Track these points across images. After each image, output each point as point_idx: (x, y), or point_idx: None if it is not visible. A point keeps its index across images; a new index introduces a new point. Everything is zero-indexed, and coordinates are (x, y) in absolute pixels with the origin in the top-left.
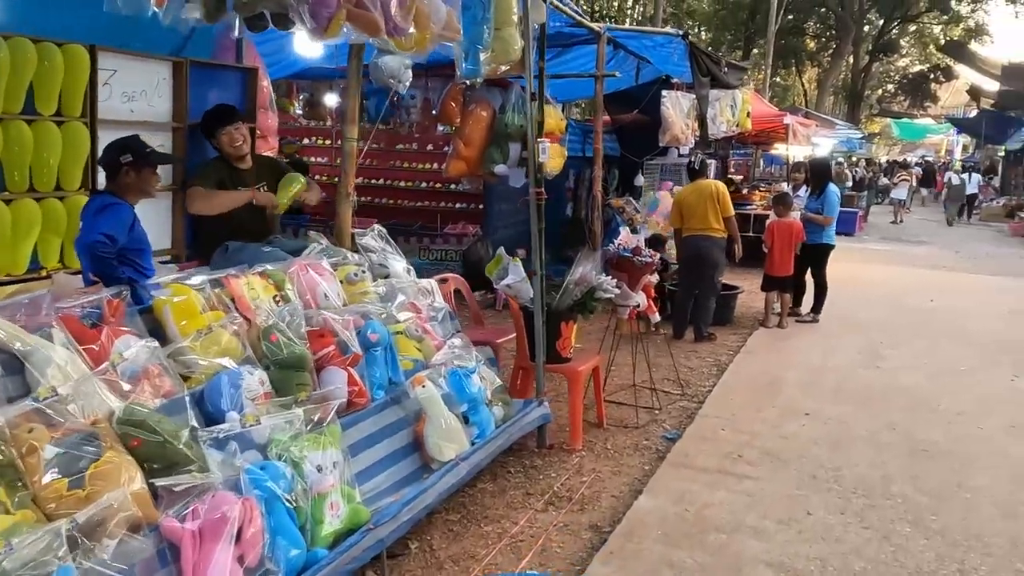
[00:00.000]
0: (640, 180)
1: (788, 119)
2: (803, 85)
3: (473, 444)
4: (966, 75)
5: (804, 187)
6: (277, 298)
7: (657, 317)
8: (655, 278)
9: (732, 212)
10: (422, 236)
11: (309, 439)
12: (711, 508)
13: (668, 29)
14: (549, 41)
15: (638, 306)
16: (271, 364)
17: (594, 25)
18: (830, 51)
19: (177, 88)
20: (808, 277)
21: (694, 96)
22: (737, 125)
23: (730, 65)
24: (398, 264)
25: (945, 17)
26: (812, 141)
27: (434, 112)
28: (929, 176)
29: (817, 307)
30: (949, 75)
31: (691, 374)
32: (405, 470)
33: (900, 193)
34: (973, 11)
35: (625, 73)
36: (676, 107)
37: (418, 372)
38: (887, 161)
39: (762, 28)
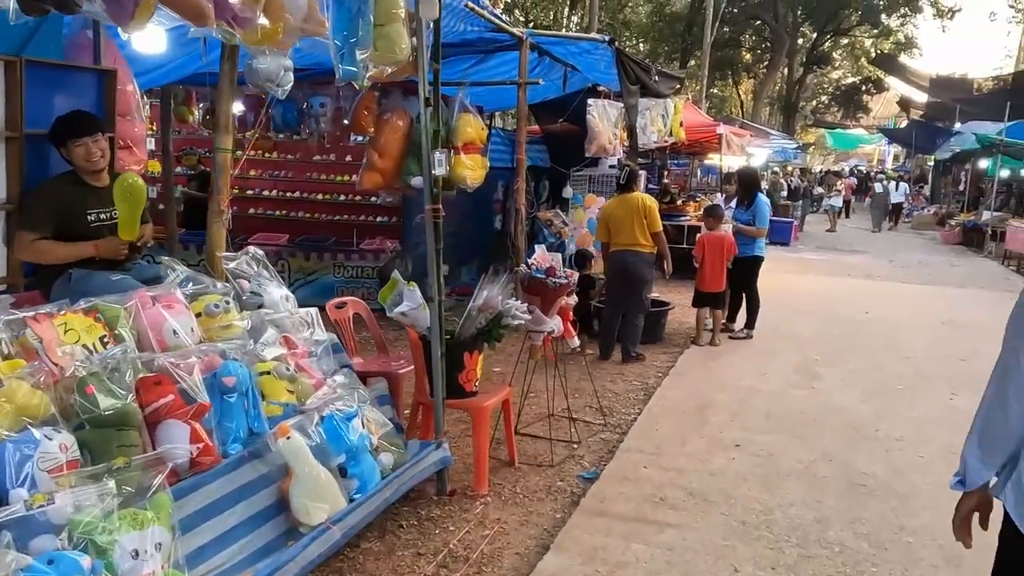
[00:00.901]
0: (568, 192)
1: (721, 129)
2: (740, 96)
3: (353, 500)
4: (896, 87)
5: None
6: (106, 339)
7: (576, 342)
8: (573, 300)
9: (660, 227)
10: (336, 252)
11: (125, 516)
12: (626, 569)
13: (594, 35)
14: (470, 48)
15: (552, 332)
16: (86, 423)
17: (515, 30)
18: (765, 63)
19: (10, 91)
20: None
21: (622, 105)
22: (670, 135)
23: (661, 73)
24: (276, 292)
25: (876, 31)
26: (747, 151)
27: (346, 122)
28: (864, 185)
29: (751, 322)
30: (880, 87)
31: (616, 400)
32: (266, 537)
33: (835, 202)
34: (902, 25)
35: (552, 81)
36: (603, 116)
37: (288, 418)
38: (822, 171)
39: (699, 40)
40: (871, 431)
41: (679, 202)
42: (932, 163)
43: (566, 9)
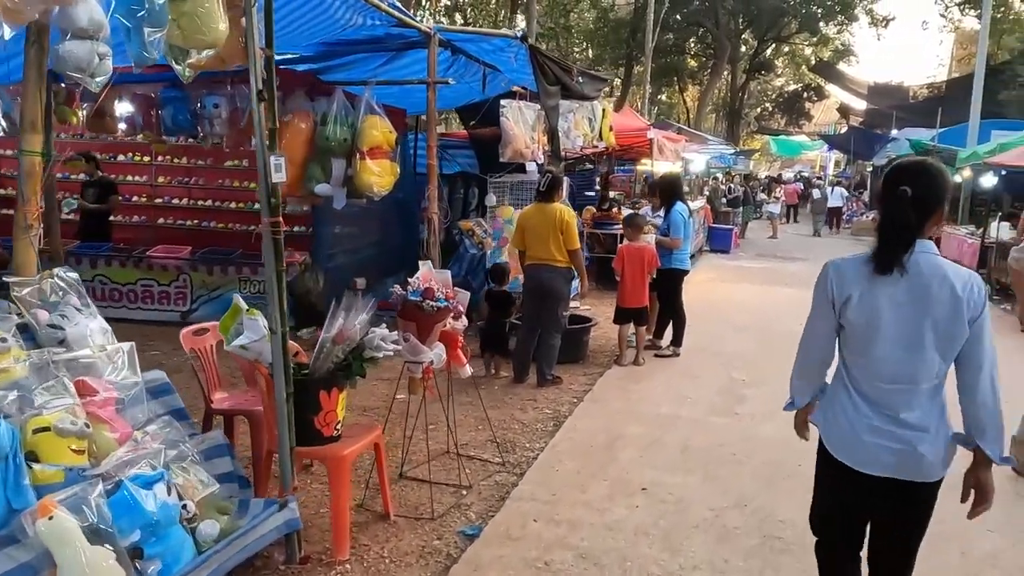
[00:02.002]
0: (492, 200)
1: (652, 133)
2: (685, 103)
3: None
4: (837, 94)
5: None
6: None
7: (467, 371)
8: (462, 324)
9: (578, 245)
10: (242, 265)
11: None
12: None
13: (505, 31)
14: (377, 45)
15: (432, 363)
16: None
17: (422, 25)
18: (709, 69)
19: None
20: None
21: (539, 106)
22: (599, 139)
23: (585, 74)
24: (87, 323)
25: (815, 39)
26: (682, 156)
27: (243, 124)
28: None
29: (677, 339)
30: (821, 94)
31: (521, 432)
32: None
33: (774, 208)
34: (839, 33)
35: (468, 83)
36: (518, 118)
37: (71, 486)
38: (767, 177)
39: (643, 46)
40: (793, 467)
41: (614, 210)
42: (871, 169)
43: (508, 12)
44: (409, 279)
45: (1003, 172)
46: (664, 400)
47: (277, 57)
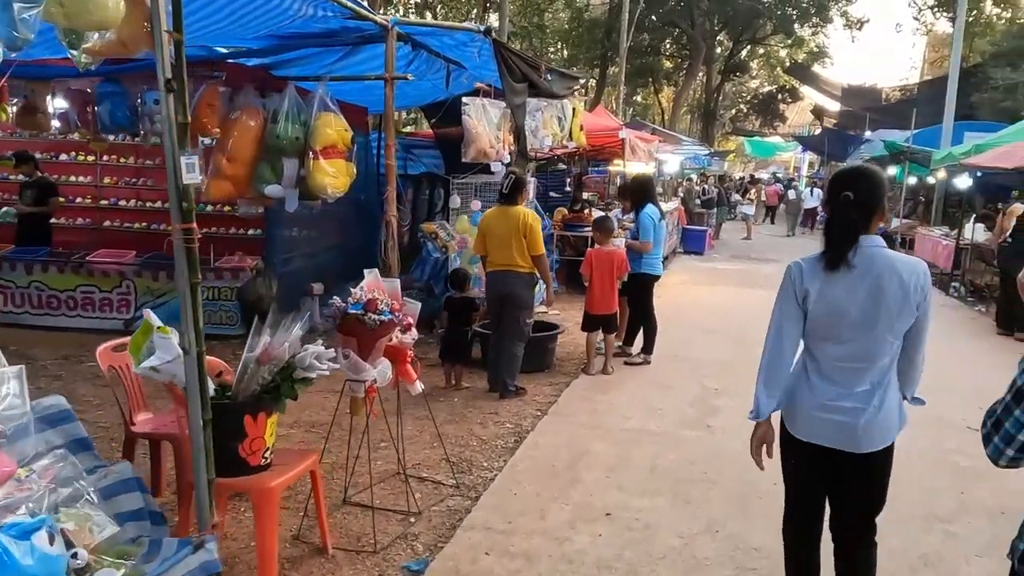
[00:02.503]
0: (456, 201)
1: (624, 133)
2: (660, 104)
3: None
4: (811, 96)
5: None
6: None
7: (418, 387)
8: (412, 337)
9: (542, 249)
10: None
11: None
12: None
13: (468, 24)
14: (333, 38)
15: (375, 382)
16: None
17: (379, 18)
18: (684, 71)
19: None
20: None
21: (505, 104)
22: (570, 139)
23: (554, 71)
24: None
25: (789, 41)
26: (655, 157)
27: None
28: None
29: (647, 346)
30: (795, 96)
31: (480, 450)
32: None
33: (747, 210)
34: (814, 34)
35: (431, 80)
36: (481, 117)
37: None
38: (742, 178)
39: (618, 46)
40: (768, 486)
41: (585, 212)
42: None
43: (480, 11)
44: (353, 289)
45: (978, 174)
46: (633, 412)
47: (224, 51)
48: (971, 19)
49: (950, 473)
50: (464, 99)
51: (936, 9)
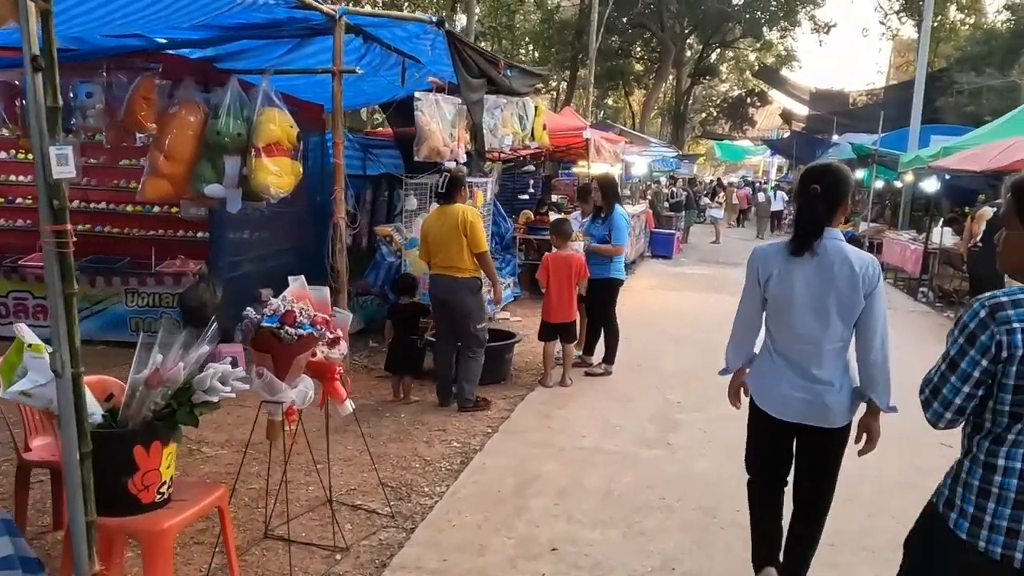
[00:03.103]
0: (412, 203)
1: (588, 133)
2: (631, 106)
3: None
4: (779, 99)
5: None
6: None
7: (348, 407)
8: (340, 352)
9: (485, 247)
10: (128, 276)
11: None
12: None
13: (420, 14)
14: (279, 29)
15: (293, 403)
16: None
17: (326, 7)
18: (655, 73)
19: None
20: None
21: (460, 101)
22: (532, 138)
23: (515, 67)
24: None
25: (758, 44)
26: (622, 158)
27: (121, 116)
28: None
29: (609, 356)
30: (764, 100)
31: (422, 472)
32: None
33: (716, 213)
34: (783, 38)
35: (387, 75)
36: (434, 113)
37: None
38: (711, 181)
39: (588, 48)
40: (730, 513)
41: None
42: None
43: (448, 10)
44: (273, 298)
45: (946, 176)
46: (589, 429)
47: (162, 41)
48: (936, 24)
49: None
50: (416, 94)
51: (901, 14)
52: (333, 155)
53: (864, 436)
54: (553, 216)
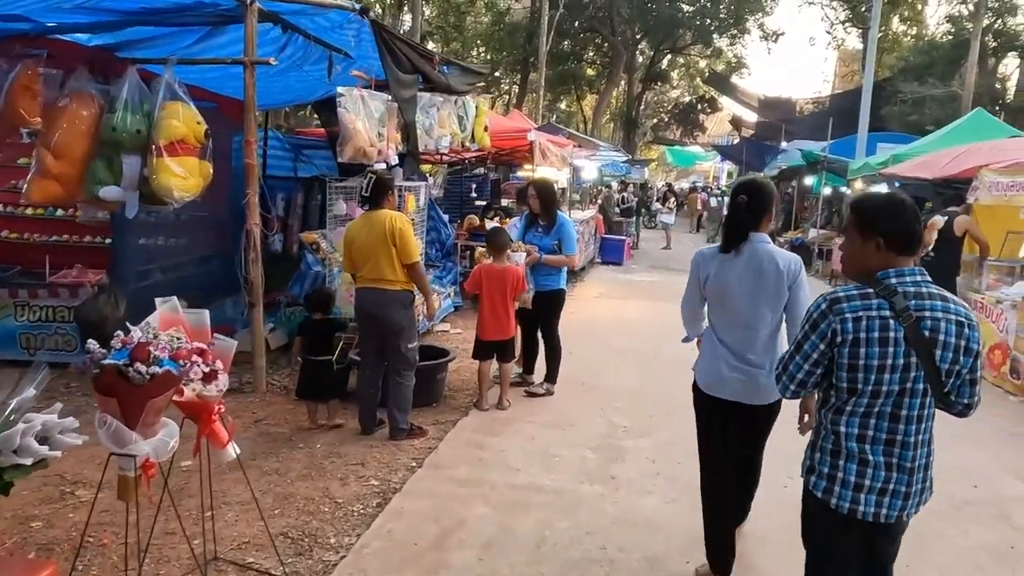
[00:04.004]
0: (342, 208)
1: (533, 135)
2: (583, 111)
3: None
4: (729, 106)
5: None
6: None
7: (231, 453)
8: (218, 389)
9: (416, 257)
10: (18, 287)
11: None
12: None
13: (341, 1)
14: (188, 14)
15: (148, 456)
16: None
17: None
18: (606, 78)
19: None
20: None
21: (390, 97)
22: (471, 140)
23: (453, 64)
24: None
25: (708, 51)
26: (570, 162)
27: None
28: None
29: (551, 375)
30: (714, 107)
31: (331, 518)
32: None
33: (667, 219)
34: (732, 45)
35: (311, 69)
36: (359, 110)
37: None
38: (663, 186)
39: (539, 51)
40: (679, 565)
41: (497, 219)
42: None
43: (393, 9)
44: (133, 326)
45: (896, 184)
46: (525, 461)
47: (51, 24)
48: (880, 35)
49: None
50: (339, 89)
51: (847, 24)
52: (244, 154)
53: (802, 415)
54: (489, 225)
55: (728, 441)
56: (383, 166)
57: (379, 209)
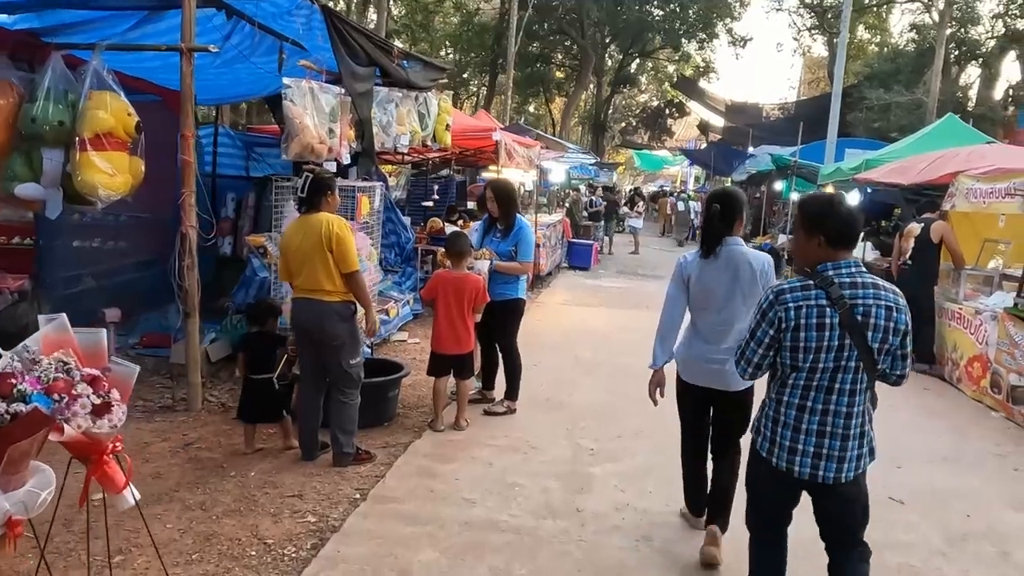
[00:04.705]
0: (292, 209)
1: (498, 135)
2: (551, 114)
3: None
4: (696, 111)
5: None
6: None
7: (128, 499)
8: (110, 424)
9: (355, 266)
10: None
11: None
12: None
13: None
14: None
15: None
16: None
17: None
18: (575, 81)
19: None
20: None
21: (343, 91)
22: (433, 139)
23: (414, 59)
24: None
25: (677, 56)
26: (537, 164)
27: None
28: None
29: (512, 391)
30: (682, 111)
31: (259, 562)
32: None
33: (635, 223)
34: (701, 49)
35: (259, 60)
36: (307, 104)
37: None
38: (630, 190)
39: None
40: None
41: (461, 221)
42: (729, 183)
43: (357, 4)
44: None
45: (868, 190)
46: (482, 492)
47: None
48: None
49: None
50: (285, 80)
51: (813, 31)
52: (181, 150)
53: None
54: (449, 229)
55: (707, 425)
56: (333, 165)
57: (316, 212)
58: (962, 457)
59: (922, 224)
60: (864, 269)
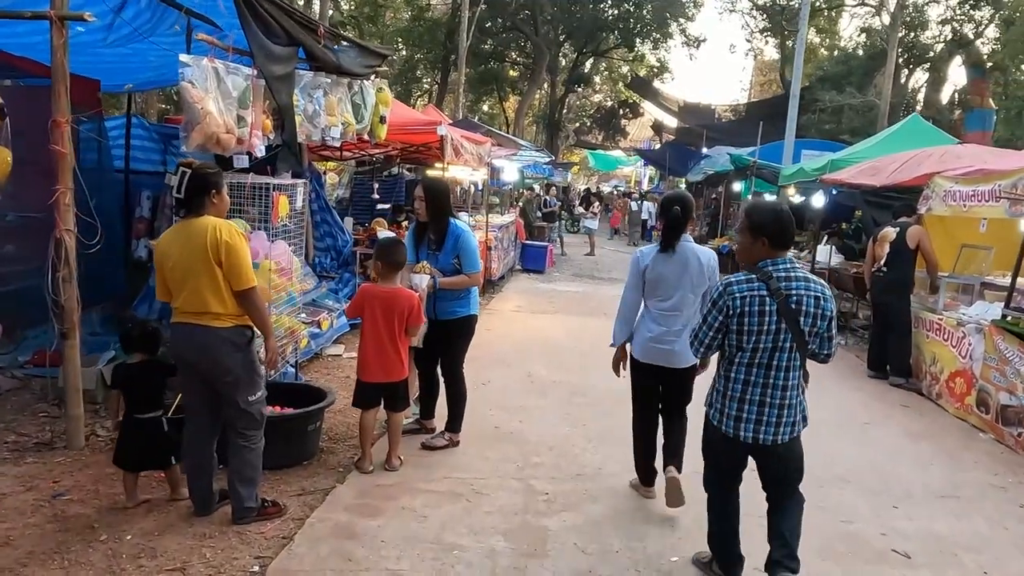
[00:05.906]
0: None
1: (444, 129)
2: (505, 113)
3: None
4: (650, 111)
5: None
6: None
7: None
8: None
9: (251, 282)
10: None
11: None
12: None
13: None
14: None
15: None
16: None
17: None
18: (529, 79)
19: None
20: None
21: (256, 72)
22: (368, 133)
23: (350, 41)
24: None
25: (631, 56)
26: (488, 162)
27: None
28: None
29: (454, 422)
30: (636, 112)
31: None
32: None
33: (591, 224)
34: (655, 49)
35: (161, 38)
36: (212, 87)
37: None
38: (584, 190)
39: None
40: None
41: (406, 223)
42: (683, 185)
43: None
44: None
45: (833, 191)
46: (411, 559)
47: None
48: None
49: None
50: (182, 58)
51: (765, 33)
52: (54, 138)
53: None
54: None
55: (657, 398)
56: (245, 160)
57: (199, 216)
58: (960, 491)
59: (897, 228)
60: (797, 265)
